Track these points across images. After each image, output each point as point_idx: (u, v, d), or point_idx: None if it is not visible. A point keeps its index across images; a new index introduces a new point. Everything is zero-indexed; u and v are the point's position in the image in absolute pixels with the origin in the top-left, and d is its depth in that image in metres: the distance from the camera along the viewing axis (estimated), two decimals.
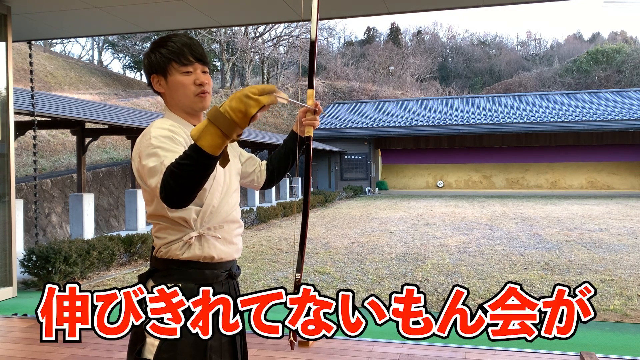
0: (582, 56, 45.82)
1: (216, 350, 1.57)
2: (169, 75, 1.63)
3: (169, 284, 1.51)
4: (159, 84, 1.66)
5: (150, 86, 1.72)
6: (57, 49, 38.60)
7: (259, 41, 39.69)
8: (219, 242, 1.65)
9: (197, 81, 1.63)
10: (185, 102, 1.64)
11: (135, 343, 1.56)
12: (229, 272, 1.72)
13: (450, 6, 5.05)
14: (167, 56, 1.62)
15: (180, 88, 1.63)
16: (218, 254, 1.65)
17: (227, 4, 4.99)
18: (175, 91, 1.64)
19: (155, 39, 1.71)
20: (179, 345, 1.51)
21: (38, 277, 6.08)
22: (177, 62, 1.61)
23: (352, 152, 26.30)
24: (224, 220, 1.67)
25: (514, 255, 8.02)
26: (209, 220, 1.63)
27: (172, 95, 1.65)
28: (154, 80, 1.67)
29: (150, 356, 1.54)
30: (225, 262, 1.70)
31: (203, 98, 1.65)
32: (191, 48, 1.63)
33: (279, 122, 33.22)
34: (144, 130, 1.62)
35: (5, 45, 5.23)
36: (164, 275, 1.59)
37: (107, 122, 9.66)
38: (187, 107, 1.66)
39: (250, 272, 7.09)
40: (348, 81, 41.67)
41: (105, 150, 16.96)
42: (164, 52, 1.62)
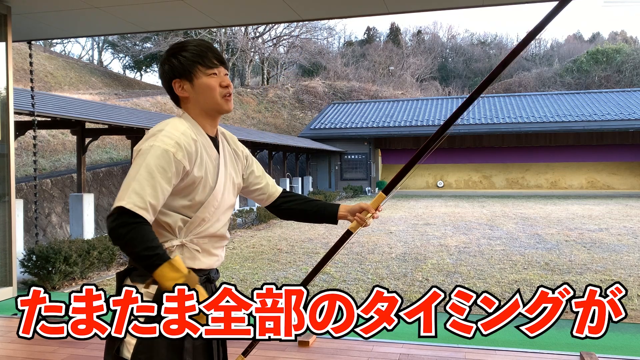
0: (582, 56, 45.78)
1: (190, 352, 1.58)
2: (195, 79, 1.63)
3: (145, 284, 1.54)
4: (182, 89, 1.66)
5: (170, 92, 1.70)
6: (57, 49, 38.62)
7: (259, 41, 39.70)
8: (199, 254, 1.65)
9: (223, 83, 1.65)
10: (211, 104, 1.65)
11: (113, 341, 1.57)
12: (207, 277, 1.72)
13: (450, 6, 5.05)
14: (192, 59, 1.63)
15: (207, 90, 1.63)
16: (199, 265, 1.65)
17: (227, 4, 4.99)
18: (203, 94, 1.64)
19: (172, 45, 1.71)
20: (155, 346, 1.52)
21: (38, 277, 6.07)
22: (203, 65, 1.63)
23: (352, 152, 26.29)
24: (210, 235, 1.68)
25: (514, 255, 8.02)
26: (195, 232, 1.63)
27: (199, 99, 1.65)
28: (176, 84, 1.66)
29: (128, 355, 1.55)
30: (204, 270, 1.70)
31: (229, 100, 1.67)
32: (213, 51, 1.66)
33: (279, 122, 33.22)
34: (156, 126, 1.61)
35: (5, 45, 5.23)
36: (142, 274, 1.58)
37: (107, 122, 9.65)
38: (213, 110, 1.66)
39: (250, 272, 7.09)
40: (348, 81, 41.65)
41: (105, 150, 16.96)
42: (188, 56, 1.63)
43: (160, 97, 26.11)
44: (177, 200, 1.60)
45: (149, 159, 1.50)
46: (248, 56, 39.32)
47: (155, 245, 1.43)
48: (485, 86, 1.86)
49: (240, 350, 2.22)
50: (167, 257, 1.44)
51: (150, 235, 1.45)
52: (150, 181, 1.48)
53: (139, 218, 1.44)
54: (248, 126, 29.33)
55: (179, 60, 1.64)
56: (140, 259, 1.42)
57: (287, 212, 1.95)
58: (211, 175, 1.65)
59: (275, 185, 1.97)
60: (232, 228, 11.46)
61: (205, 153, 1.63)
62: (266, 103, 34.64)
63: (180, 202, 1.60)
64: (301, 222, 1.98)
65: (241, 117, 30.83)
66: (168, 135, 1.55)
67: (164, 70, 1.69)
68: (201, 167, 1.61)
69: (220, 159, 1.70)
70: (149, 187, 1.47)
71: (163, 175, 1.50)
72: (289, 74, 47.33)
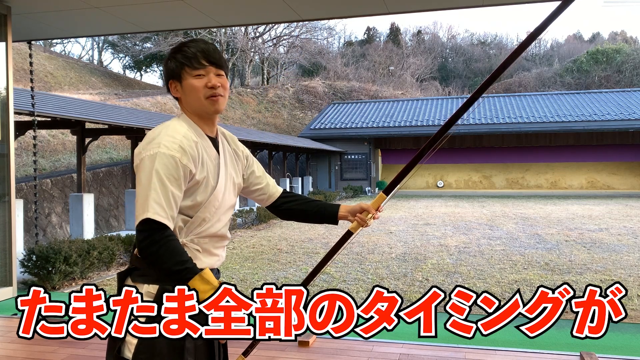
0: (582, 56, 45.77)
1: (191, 351, 1.58)
2: (183, 80, 1.67)
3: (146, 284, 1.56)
4: (176, 89, 1.70)
5: (169, 92, 1.75)
6: (57, 49, 38.62)
7: (259, 41, 39.70)
8: (200, 254, 1.66)
9: (209, 84, 1.65)
10: (197, 106, 1.67)
11: (115, 341, 1.57)
12: None
13: (450, 6, 5.05)
14: (181, 61, 1.66)
15: (192, 91, 1.65)
16: (200, 265, 1.65)
17: (227, 4, 4.99)
18: (189, 94, 1.66)
19: (174, 46, 1.74)
20: (157, 346, 1.52)
21: (38, 277, 6.07)
22: (189, 67, 1.65)
23: (352, 152, 26.29)
24: (211, 235, 1.68)
25: (514, 255, 8.02)
26: (195, 232, 1.64)
27: (187, 99, 1.68)
28: (171, 86, 1.70)
29: (129, 355, 1.56)
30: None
31: (215, 101, 1.66)
32: (205, 53, 1.66)
33: (279, 122, 33.21)
34: (156, 129, 1.63)
35: (5, 45, 5.23)
36: (143, 274, 1.59)
37: (107, 122, 9.65)
38: (200, 110, 1.68)
39: (250, 272, 7.09)
40: (348, 81, 41.64)
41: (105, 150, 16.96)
42: (178, 58, 1.67)
43: (160, 97, 26.11)
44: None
45: (157, 166, 1.52)
46: (248, 56, 39.32)
47: (185, 259, 1.49)
48: (486, 87, 1.86)
49: (240, 350, 2.22)
50: (197, 270, 1.50)
51: (179, 249, 1.50)
52: (164, 191, 1.51)
53: (166, 231, 1.49)
54: (248, 126, 29.33)
55: (173, 63, 1.68)
56: (171, 273, 1.48)
57: (288, 213, 1.95)
58: (212, 175, 1.65)
59: (276, 186, 1.97)
60: (232, 228, 11.47)
61: (206, 154, 1.65)
62: (266, 103, 34.65)
63: (182, 203, 1.60)
64: (301, 222, 1.99)
65: (241, 117, 30.84)
66: (171, 139, 1.56)
67: (164, 72, 1.74)
68: (203, 169, 1.62)
69: (221, 159, 1.71)
70: (164, 197, 1.50)
71: (174, 183, 1.53)
72: (289, 74, 47.33)
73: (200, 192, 1.62)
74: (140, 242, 1.49)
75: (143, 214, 1.48)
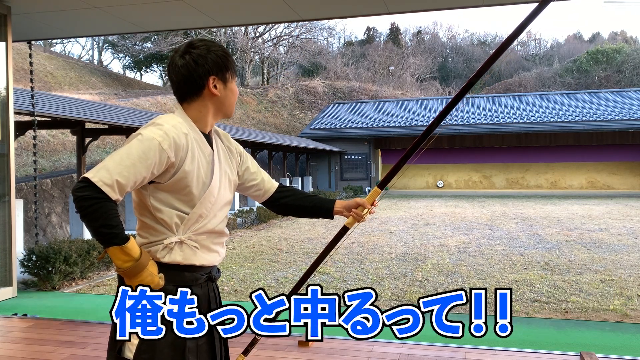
0: (582, 56, 45.74)
1: (193, 351, 1.58)
2: (227, 82, 1.71)
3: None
4: (215, 87, 1.68)
5: (193, 84, 1.66)
6: (57, 49, 38.59)
7: (259, 41, 39.69)
8: (198, 250, 1.66)
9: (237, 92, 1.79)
10: (228, 108, 1.75)
11: (115, 341, 1.57)
12: (209, 275, 1.73)
13: (450, 6, 5.05)
14: (231, 65, 1.72)
15: (232, 96, 1.74)
16: (200, 261, 1.66)
17: (227, 4, 4.99)
18: (229, 97, 1.73)
19: (205, 40, 1.71)
20: (158, 345, 1.52)
21: (38, 277, 6.08)
22: (234, 72, 1.73)
23: (352, 152, 26.29)
24: (208, 231, 1.68)
25: (514, 255, 8.02)
26: (192, 228, 1.64)
27: (224, 101, 1.72)
28: (211, 80, 1.67)
29: (130, 355, 1.56)
30: (206, 267, 1.71)
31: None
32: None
33: (279, 122, 33.21)
34: (153, 119, 1.64)
35: (5, 45, 5.23)
36: None
37: (107, 122, 9.65)
38: (226, 112, 1.76)
39: (250, 272, 7.09)
40: (348, 81, 41.62)
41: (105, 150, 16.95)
42: (229, 59, 1.71)
43: (160, 97, 26.10)
44: (170, 195, 1.60)
45: (132, 142, 1.53)
46: (248, 56, 39.30)
47: (114, 224, 1.46)
48: (470, 86, 1.90)
49: (240, 350, 2.22)
50: (122, 238, 1.47)
51: (110, 213, 1.46)
52: (126, 162, 1.49)
53: (102, 194, 1.45)
54: (248, 126, 29.32)
55: (221, 60, 1.68)
56: (97, 234, 1.46)
57: (284, 207, 1.96)
58: (205, 171, 1.65)
59: (271, 181, 1.97)
60: (232, 228, 11.46)
61: (198, 148, 1.64)
62: (266, 103, 34.63)
63: (173, 198, 1.60)
64: (297, 217, 2.00)
65: (241, 117, 30.82)
66: (158, 126, 1.57)
67: (206, 62, 1.65)
68: (193, 162, 1.61)
69: (214, 155, 1.71)
70: (122, 166, 1.48)
71: (141, 160, 1.50)
72: (289, 74, 47.29)
73: (193, 187, 1.61)
74: (75, 194, 1.44)
75: (87, 174, 1.46)
